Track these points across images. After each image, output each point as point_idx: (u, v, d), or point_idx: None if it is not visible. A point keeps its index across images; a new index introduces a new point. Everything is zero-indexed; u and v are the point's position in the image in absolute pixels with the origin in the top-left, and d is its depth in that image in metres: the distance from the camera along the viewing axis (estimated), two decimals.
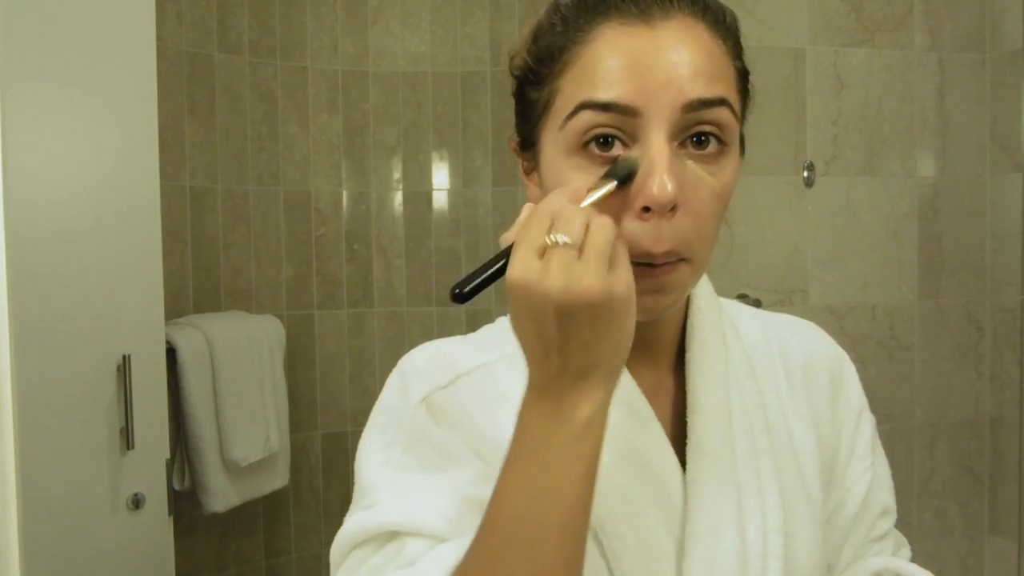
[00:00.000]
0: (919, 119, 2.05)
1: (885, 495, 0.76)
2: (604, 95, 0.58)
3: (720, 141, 0.60)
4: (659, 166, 0.57)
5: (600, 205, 0.56)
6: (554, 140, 0.62)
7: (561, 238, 0.50)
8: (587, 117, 0.59)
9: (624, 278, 0.51)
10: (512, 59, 0.68)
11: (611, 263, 0.51)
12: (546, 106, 0.63)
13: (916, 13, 2.03)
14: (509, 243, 0.53)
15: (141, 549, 1.46)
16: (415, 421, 0.65)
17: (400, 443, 0.65)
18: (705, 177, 0.59)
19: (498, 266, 0.52)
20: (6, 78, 1.27)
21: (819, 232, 1.99)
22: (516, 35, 2.45)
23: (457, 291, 0.51)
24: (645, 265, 0.58)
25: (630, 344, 0.54)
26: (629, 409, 0.66)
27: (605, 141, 0.59)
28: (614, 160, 0.58)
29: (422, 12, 2.47)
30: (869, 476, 0.75)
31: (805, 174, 1.97)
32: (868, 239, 2.02)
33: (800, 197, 1.97)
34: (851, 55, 1.99)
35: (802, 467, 0.70)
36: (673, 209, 0.57)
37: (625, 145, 0.59)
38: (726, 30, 0.62)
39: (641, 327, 0.66)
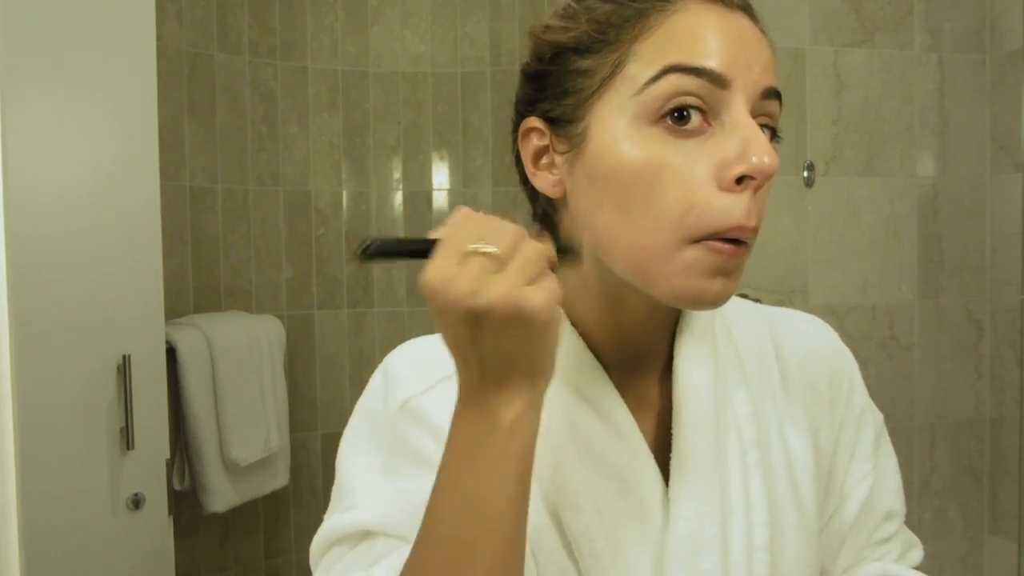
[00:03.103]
0: (919, 119, 2.05)
1: (890, 498, 0.74)
2: (697, 60, 0.56)
3: (775, 135, 0.60)
4: (759, 136, 0.55)
5: (687, 164, 0.56)
6: (622, 107, 0.58)
7: (486, 248, 0.49)
8: (674, 81, 0.56)
9: (545, 291, 0.50)
10: (541, 32, 0.63)
11: (534, 278, 0.50)
12: (612, 73, 0.58)
13: (916, 13, 2.03)
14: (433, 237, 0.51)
15: (141, 549, 1.46)
16: (395, 428, 0.65)
17: (382, 450, 0.65)
18: None
19: (416, 249, 0.51)
20: (6, 78, 1.27)
21: (819, 232, 1.99)
22: (516, 35, 2.46)
23: (364, 248, 0.50)
24: (730, 242, 0.56)
25: (555, 352, 0.53)
26: (610, 422, 0.63)
27: (682, 115, 0.56)
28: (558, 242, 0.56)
29: (422, 12, 2.47)
30: (870, 480, 0.72)
31: (805, 174, 1.97)
32: (868, 239, 2.02)
33: (800, 197, 1.97)
34: (851, 55, 1.99)
35: (795, 477, 0.67)
36: (761, 186, 0.56)
37: (705, 120, 0.56)
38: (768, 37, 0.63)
39: (629, 333, 0.65)
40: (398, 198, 2.50)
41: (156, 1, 1.49)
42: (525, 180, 0.66)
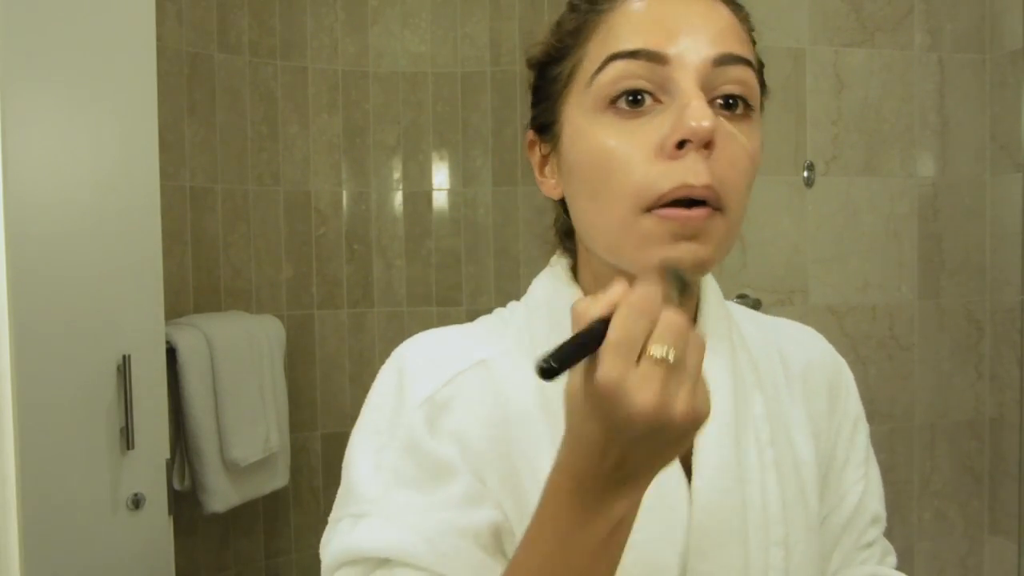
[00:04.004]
0: (919, 119, 2.05)
1: (875, 503, 0.76)
2: (634, 43, 0.58)
3: (747, 103, 0.60)
4: (695, 100, 0.56)
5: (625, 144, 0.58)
6: (580, 102, 0.61)
7: (666, 353, 0.46)
8: (616, 67, 0.59)
9: (706, 398, 0.48)
10: (529, 51, 0.68)
11: (699, 381, 0.48)
12: (571, 74, 0.63)
13: (916, 13, 2.03)
14: (591, 317, 0.47)
15: (141, 549, 1.46)
16: (411, 428, 0.63)
17: (394, 448, 0.63)
18: (736, 133, 0.59)
19: (586, 343, 0.47)
20: (6, 78, 1.27)
21: (819, 232, 1.99)
22: (516, 35, 2.46)
23: (545, 366, 0.45)
24: (681, 205, 0.57)
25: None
26: None
27: (635, 99, 0.58)
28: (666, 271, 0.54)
29: (422, 12, 2.47)
30: (862, 485, 0.74)
31: (805, 174, 1.97)
32: (868, 239, 2.02)
33: (800, 197, 1.97)
34: (851, 55, 1.99)
35: (802, 477, 0.69)
36: (709, 147, 0.56)
37: (656, 99, 0.58)
38: (744, 16, 0.63)
39: None
40: (398, 198, 2.50)
41: (156, 1, 1.49)
42: None
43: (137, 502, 1.44)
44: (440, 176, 2.51)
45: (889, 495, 0.78)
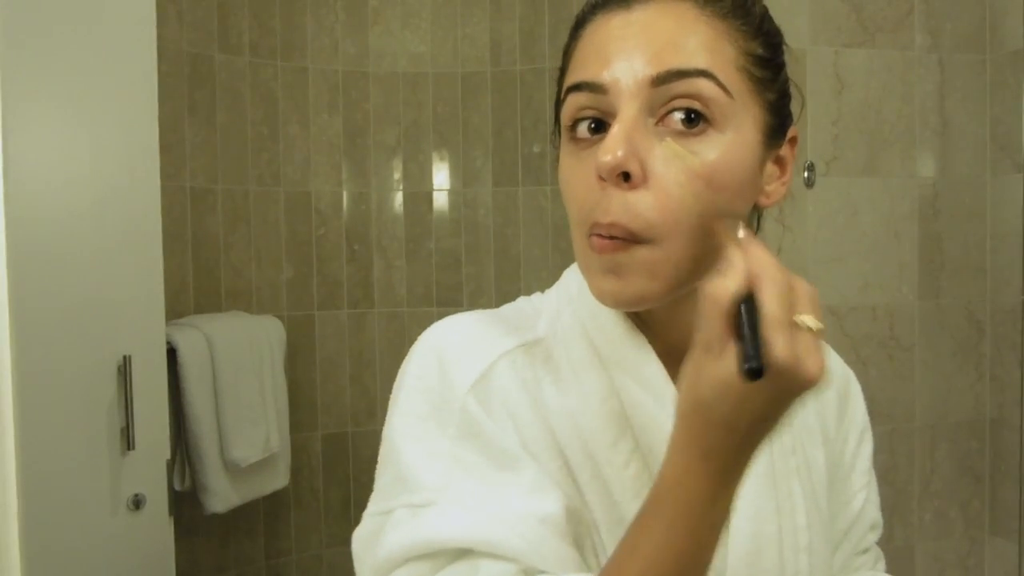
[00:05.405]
0: (919, 119, 2.05)
1: (875, 510, 0.78)
2: (580, 76, 0.60)
3: (703, 116, 0.57)
4: (613, 129, 0.57)
5: (577, 177, 0.60)
6: (562, 134, 0.65)
7: (813, 324, 0.48)
8: (571, 101, 0.61)
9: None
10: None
11: None
12: (556, 107, 0.66)
13: (916, 13, 2.03)
14: (730, 294, 0.48)
15: (141, 550, 1.46)
16: (466, 412, 0.59)
17: (448, 435, 0.59)
18: (683, 155, 0.56)
19: (753, 325, 0.48)
20: (7, 78, 1.27)
21: (819, 232, 1.99)
22: (516, 35, 2.46)
23: (755, 366, 0.46)
24: (598, 238, 0.58)
25: None
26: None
27: (598, 128, 0.60)
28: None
29: (422, 12, 2.47)
30: (865, 493, 0.76)
31: (805, 175, 1.97)
32: (868, 239, 2.02)
33: (800, 197, 1.97)
34: (851, 55, 1.99)
35: (815, 485, 0.70)
36: (628, 179, 0.56)
37: (610, 125, 0.59)
38: (728, 9, 0.60)
39: (674, 334, 0.63)
40: (398, 198, 2.50)
41: (157, 2, 1.49)
42: None
43: (137, 503, 1.44)
44: (440, 176, 2.51)
45: (889, 496, 0.79)
